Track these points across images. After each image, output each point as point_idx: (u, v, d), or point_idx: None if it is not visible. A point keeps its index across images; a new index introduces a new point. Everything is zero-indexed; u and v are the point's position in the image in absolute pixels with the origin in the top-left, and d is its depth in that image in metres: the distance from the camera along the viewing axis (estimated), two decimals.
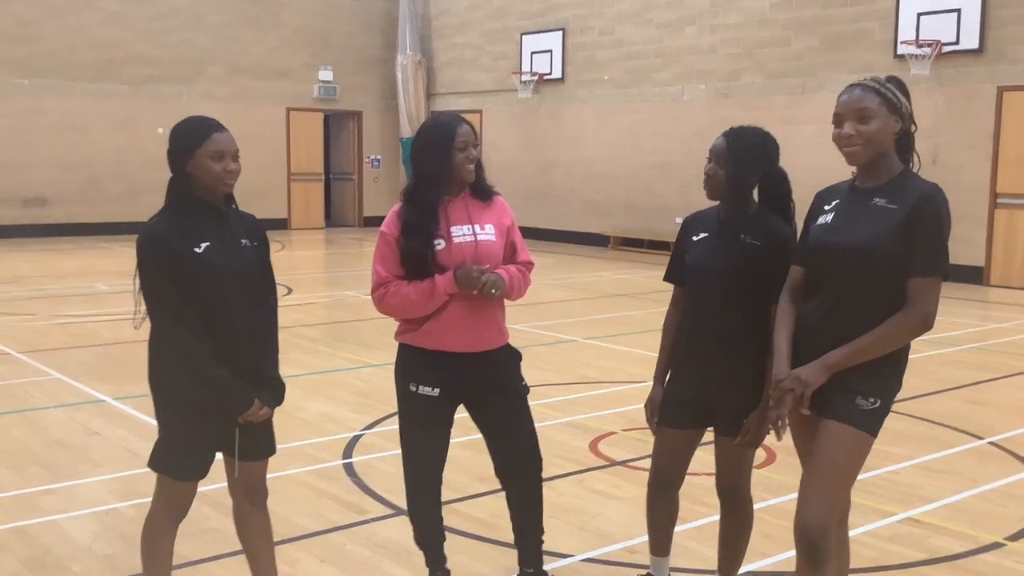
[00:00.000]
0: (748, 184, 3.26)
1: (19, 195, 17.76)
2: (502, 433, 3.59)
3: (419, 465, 3.58)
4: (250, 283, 3.17)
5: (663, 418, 3.46)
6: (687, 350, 3.39)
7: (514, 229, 3.55)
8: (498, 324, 3.49)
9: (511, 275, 3.44)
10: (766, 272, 3.18)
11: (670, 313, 3.53)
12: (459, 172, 3.37)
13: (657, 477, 3.51)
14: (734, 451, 3.35)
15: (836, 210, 2.99)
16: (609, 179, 17.75)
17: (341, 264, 16.66)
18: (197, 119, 3.15)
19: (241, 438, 3.18)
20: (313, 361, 7.93)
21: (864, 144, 2.88)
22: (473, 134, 3.42)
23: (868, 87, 2.91)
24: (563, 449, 5.61)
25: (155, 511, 3.27)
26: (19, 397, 6.76)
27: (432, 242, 3.35)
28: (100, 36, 18.31)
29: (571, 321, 9.69)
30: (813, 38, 14.87)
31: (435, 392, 3.45)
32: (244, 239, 3.17)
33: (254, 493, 3.30)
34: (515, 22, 19.46)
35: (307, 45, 20.75)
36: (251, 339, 3.17)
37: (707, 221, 3.40)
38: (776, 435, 2.95)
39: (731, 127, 3.34)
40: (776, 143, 3.34)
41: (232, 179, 3.11)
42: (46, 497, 4.80)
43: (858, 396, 2.86)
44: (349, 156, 22.16)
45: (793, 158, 17.66)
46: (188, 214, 3.06)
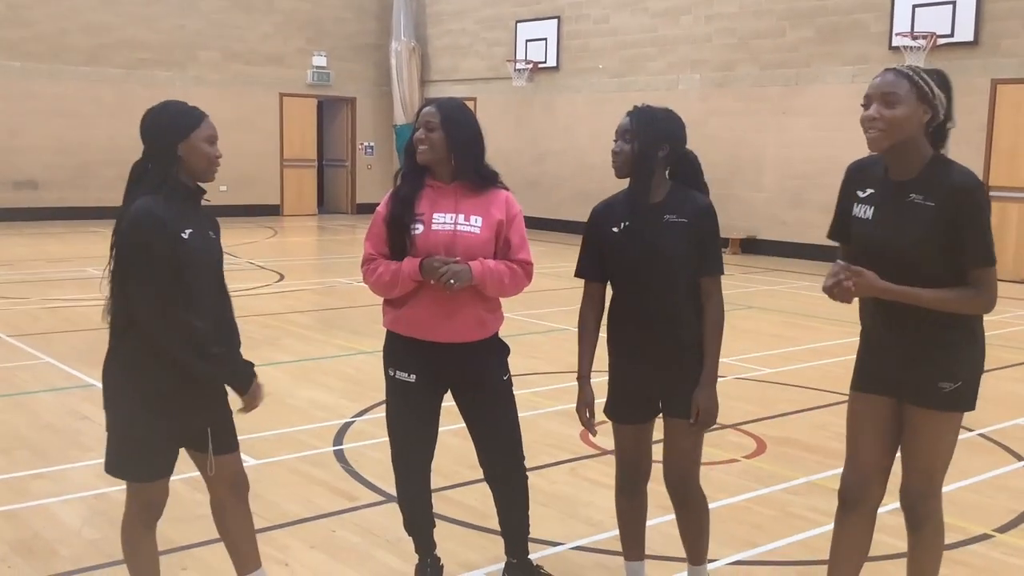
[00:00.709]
0: (654, 158, 3.23)
1: (10, 179, 17.68)
2: (476, 428, 3.59)
3: (403, 451, 3.60)
4: (218, 273, 3.18)
5: (617, 415, 3.41)
6: (626, 342, 3.33)
7: (512, 225, 3.45)
8: (477, 317, 3.42)
9: (486, 269, 3.33)
10: (694, 247, 3.20)
11: (585, 310, 3.43)
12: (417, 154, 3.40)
13: (625, 476, 3.46)
14: (684, 437, 3.29)
15: (874, 203, 3.01)
16: (602, 168, 17.57)
17: (333, 251, 16.63)
18: (181, 103, 3.10)
19: (214, 432, 3.12)
20: (304, 348, 7.92)
21: (886, 129, 2.88)
22: (431, 116, 3.37)
23: (901, 72, 2.91)
24: (554, 437, 5.62)
25: (128, 514, 3.19)
26: (9, 381, 6.74)
27: (409, 225, 3.37)
28: (93, 20, 18.21)
29: (563, 310, 9.69)
30: (808, 29, 14.85)
31: (411, 378, 3.47)
32: (210, 231, 3.15)
33: (238, 486, 3.24)
34: (510, 9, 19.39)
35: (301, 31, 20.66)
36: (218, 328, 3.11)
37: (621, 209, 3.34)
38: (835, 295, 2.87)
39: (635, 105, 3.36)
40: (683, 123, 3.34)
41: (219, 166, 3.11)
42: (36, 481, 4.80)
43: (939, 381, 2.95)
44: (342, 143, 22.10)
45: (787, 149, 17.66)
46: (170, 199, 2.99)
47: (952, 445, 3.07)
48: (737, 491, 4.82)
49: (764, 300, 10.71)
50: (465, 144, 3.41)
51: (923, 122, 2.90)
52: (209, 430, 3.11)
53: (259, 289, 10.94)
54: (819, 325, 9.13)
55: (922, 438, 3.03)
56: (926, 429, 3.02)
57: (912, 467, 3.08)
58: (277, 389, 6.57)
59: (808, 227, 13.96)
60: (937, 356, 2.97)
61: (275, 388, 6.58)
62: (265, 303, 9.97)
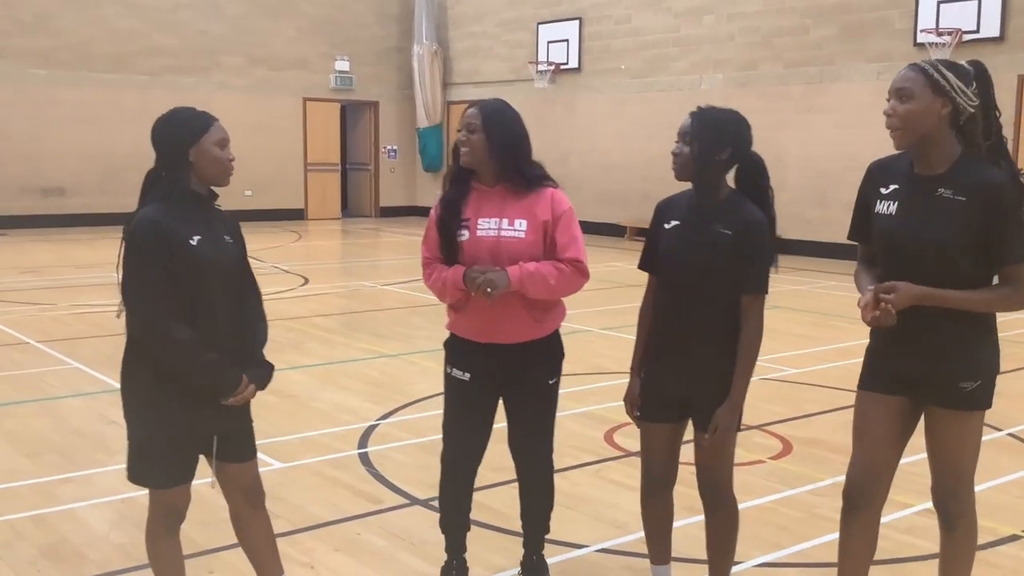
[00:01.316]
0: (714, 162, 3.15)
1: (38, 185, 17.87)
2: (513, 429, 3.62)
3: (451, 448, 3.63)
4: (235, 279, 3.11)
5: (644, 413, 3.38)
6: (662, 342, 3.31)
7: (559, 224, 3.41)
8: (530, 317, 3.43)
9: (525, 274, 3.31)
10: (738, 261, 3.12)
11: (646, 302, 3.42)
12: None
13: (649, 476, 3.43)
14: (713, 446, 3.25)
15: (898, 199, 2.96)
16: (625, 169, 17.68)
17: (357, 254, 16.69)
18: (189, 109, 3.07)
19: (220, 443, 3.10)
20: (328, 351, 7.95)
21: (901, 125, 2.87)
22: (472, 118, 3.39)
23: (917, 66, 2.90)
24: (578, 439, 5.60)
25: (151, 520, 3.19)
26: (37, 386, 6.81)
27: (455, 231, 3.40)
28: (118, 27, 18.38)
29: (587, 311, 9.67)
30: (832, 27, 14.75)
31: (466, 376, 3.52)
32: (227, 236, 3.11)
33: (252, 495, 3.22)
34: (531, 11, 19.40)
35: (324, 35, 20.75)
36: (233, 335, 3.08)
37: (679, 207, 3.29)
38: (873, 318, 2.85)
39: (699, 106, 3.24)
40: (748, 124, 3.22)
41: (232, 169, 3.07)
42: (64, 485, 4.84)
43: (960, 381, 2.92)
44: (365, 146, 22.17)
45: (812, 147, 17.57)
46: (180, 206, 2.97)
47: (978, 443, 3.05)
48: (763, 492, 4.79)
49: (789, 300, 10.64)
50: (506, 146, 3.38)
51: (942, 115, 2.85)
52: (215, 438, 3.08)
53: (284, 293, 10.99)
54: (845, 325, 9.06)
55: (948, 439, 3.01)
56: (952, 430, 2.99)
57: (941, 467, 3.06)
58: (301, 392, 6.60)
59: (832, 226, 13.82)
60: (958, 355, 2.93)
61: (299, 391, 6.61)
62: (289, 307, 10.02)
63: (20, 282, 11.68)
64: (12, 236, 16.57)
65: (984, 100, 2.90)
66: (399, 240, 17.95)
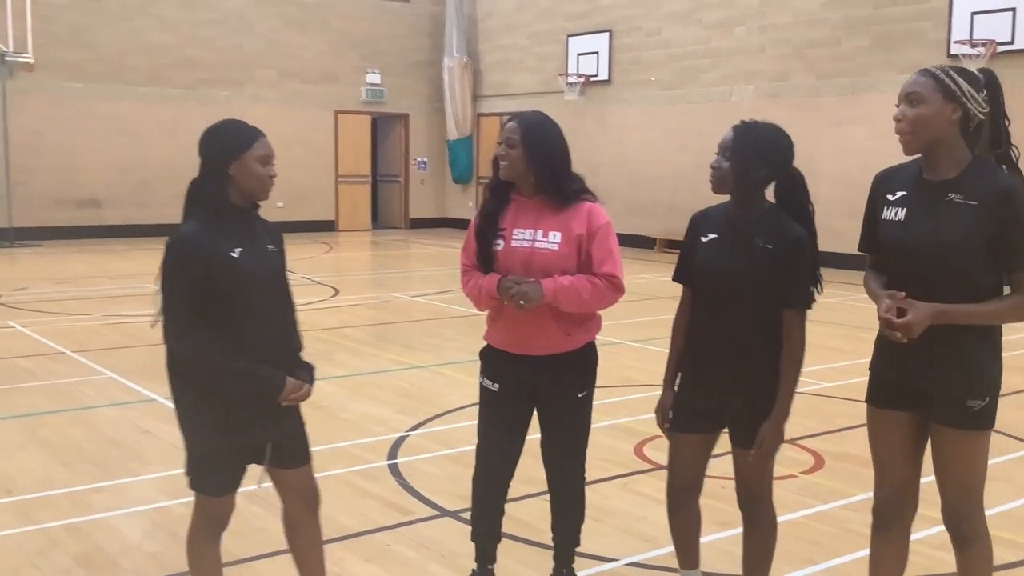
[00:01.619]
0: (753, 179, 3.14)
1: (74, 197, 18.12)
2: (545, 441, 3.62)
3: (481, 458, 3.65)
4: (279, 288, 3.15)
5: (675, 424, 3.37)
6: (697, 356, 3.30)
7: (595, 238, 3.39)
8: (562, 329, 3.43)
9: (559, 287, 3.32)
10: (779, 276, 3.10)
11: (679, 313, 3.40)
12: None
13: (675, 485, 3.42)
14: (750, 464, 3.24)
15: (906, 204, 2.93)
16: (655, 181, 17.65)
17: (387, 266, 16.76)
18: (238, 122, 3.10)
19: (273, 449, 3.13)
20: (358, 362, 7.98)
21: (911, 130, 2.85)
22: (512, 132, 3.40)
23: (927, 72, 2.87)
24: (608, 452, 5.59)
25: (195, 526, 3.23)
26: (73, 396, 6.89)
27: (492, 241, 3.43)
28: (152, 41, 18.63)
29: (616, 323, 9.65)
30: (864, 38, 14.66)
31: (495, 387, 3.54)
32: (269, 245, 3.14)
33: (309, 499, 3.25)
34: (561, 23, 19.44)
35: (355, 49, 20.92)
36: (277, 343, 3.12)
37: (716, 220, 3.27)
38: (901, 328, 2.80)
39: (742, 120, 3.23)
40: (790, 141, 3.20)
41: (272, 185, 3.09)
42: (98, 495, 4.89)
43: (968, 399, 2.87)
44: (396, 158, 22.30)
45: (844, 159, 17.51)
46: (221, 219, 3.01)
47: (985, 461, 3.00)
48: (795, 507, 4.75)
49: (820, 313, 10.51)
50: (545, 161, 3.39)
51: (952, 121, 2.83)
52: (269, 445, 3.12)
53: (314, 304, 11.06)
54: None
55: (955, 459, 2.95)
56: (958, 450, 2.94)
57: (949, 487, 3.00)
58: (331, 403, 6.63)
59: None
60: (966, 373, 2.88)
61: (330, 402, 6.64)
62: (320, 318, 10.08)
63: (56, 292, 11.84)
64: (48, 247, 16.81)
65: (994, 107, 2.88)
66: (429, 252, 18.01)
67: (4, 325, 9.57)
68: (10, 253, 16.15)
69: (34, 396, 6.85)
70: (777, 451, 3.23)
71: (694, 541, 3.49)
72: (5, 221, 16.92)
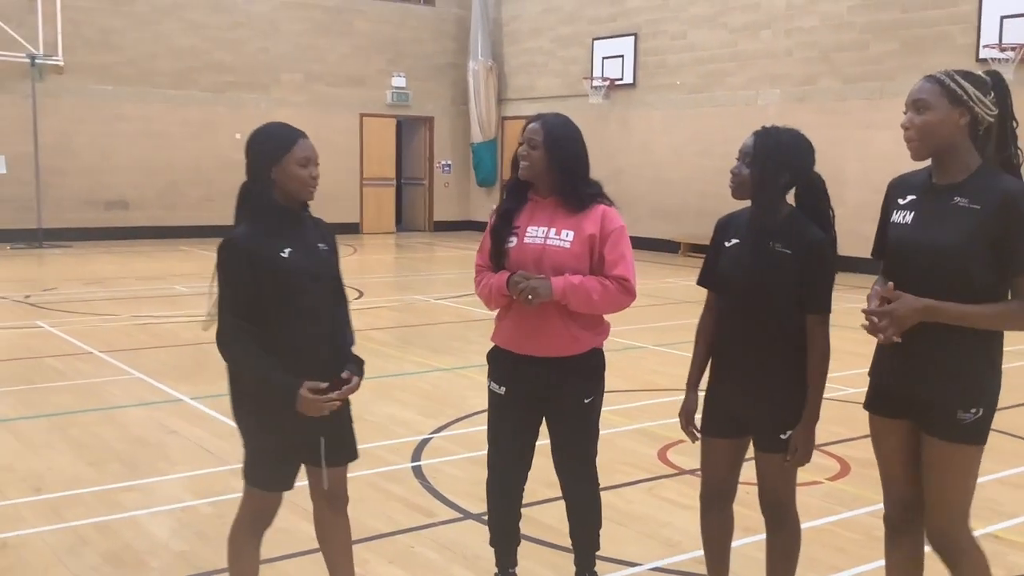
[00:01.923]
0: (773, 185, 3.13)
1: (102, 198, 18.31)
2: (555, 445, 3.61)
3: (493, 461, 3.65)
4: (330, 286, 3.22)
5: (706, 427, 3.36)
6: (722, 359, 3.30)
7: (608, 240, 3.41)
8: (568, 332, 3.42)
9: (569, 285, 3.33)
10: (799, 281, 3.09)
11: (704, 317, 3.40)
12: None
13: (708, 490, 3.39)
14: (775, 466, 3.22)
15: (914, 208, 2.91)
16: (679, 184, 17.60)
17: (411, 268, 16.81)
18: (280, 125, 3.15)
19: (327, 444, 3.19)
20: (382, 364, 8.01)
21: (918, 137, 2.83)
22: (535, 133, 3.42)
23: (933, 78, 2.85)
24: (631, 456, 5.58)
25: (240, 519, 3.29)
26: (101, 395, 6.96)
27: (506, 238, 3.44)
28: (180, 44, 18.80)
29: (640, 328, 9.64)
30: (892, 42, 14.57)
31: (501, 390, 3.54)
32: (321, 243, 3.21)
33: (335, 499, 3.30)
34: (586, 27, 19.44)
35: (380, 52, 21.01)
36: (330, 340, 3.20)
37: (739, 225, 3.28)
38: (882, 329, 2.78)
39: (764, 125, 3.23)
40: (811, 146, 3.20)
41: (315, 186, 3.15)
42: (126, 493, 4.94)
43: (958, 410, 2.80)
44: (420, 161, 22.36)
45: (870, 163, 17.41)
46: (269, 220, 3.07)
47: (974, 478, 2.89)
48: (820, 514, 4.72)
49: (846, 318, 10.47)
50: (565, 164, 3.42)
51: (960, 126, 2.80)
52: (322, 439, 3.16)
53: None
54: None
55: (942, 473, 2.87)
56: (945, 463, 2.85)
57: (934, 503, 2.91)
58: (355, 405, 6.63)
59: None
60: (959, 381, 2.82)
61: (353, 404, 6.64)
62: None
63: (84, 293, 11.97)
64: (77, 248, 16.99)
65: (1001, 110, 2.85)
66: (453, 254, 18.05)
67: (33, 325, 9.68)
68: (39, 254, 16.34)
69: (63, 395, 6.93)
70: (808, 460, 3.20)
71: (725, 549, 3.46)
72: (35, 222, 17.12)
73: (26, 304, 11.01)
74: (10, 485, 4.99)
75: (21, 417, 6.32)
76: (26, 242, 17.02)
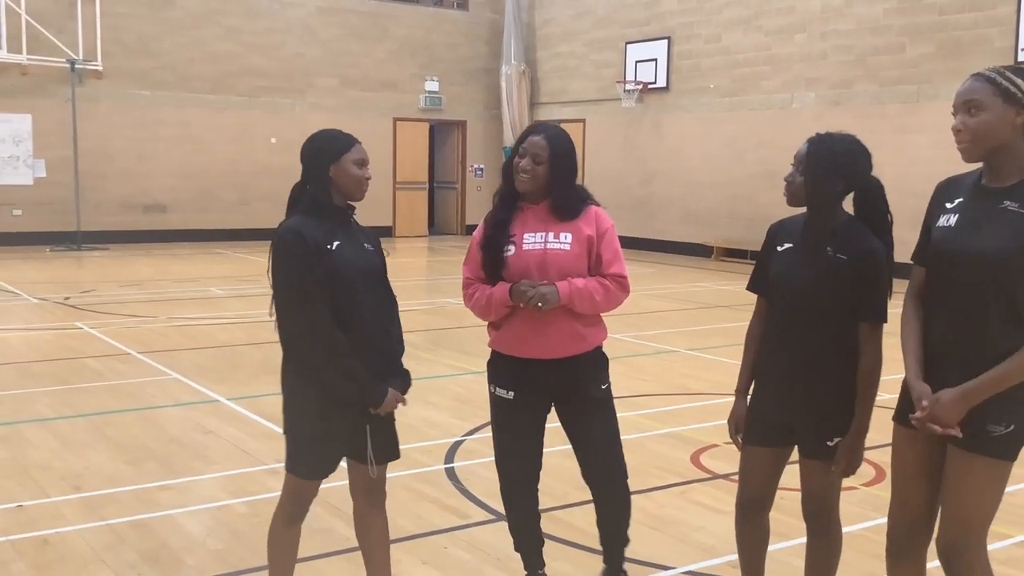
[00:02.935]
0: (827, 193, 3.09)
1: (140, 202, 18.54)
2: (575, 438, 3.62)
3: (505, 468, 3.65)
4: (377, 282, 3.30)
5: (747, 435, 3.32)
6: (770, 366, 3.25)
7: (603, 240, 3.46)
8: (573, 331, 3.45)
9: (574, 289, 3.36)
10: (852, 289, 3.04)
11: (753, 324, 3.36)
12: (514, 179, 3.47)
13: (745, 499, 3.35)
14: (820, 473, 3.18)
15: (960, 211, 2.80)
16: (712, 188, 17.53)
17: (443, 271, 16.87)
18: (334, 130, 3.32)
19: (373, 441, 3.25)
20: (414, 367, 7.94)
21: (971, 139, 2.72)
22: (540, 149, 3.41)
23: (982, 76, 2.74)
24: (664, 460, 5.57)
25: (280, 508, 3.38)
26: (138, 396, 7.06)
27: (501, 248, 3.44)
28: (217, 50, 19.01)
29: (672, 331, 9.61)
30: (929, 45, 14.42)
31: (510, 395, 3.54)
32: (367, 244, 3.32)
33: (372, 494, 3.38)
34: (619, 31, 19.42)
35: (414, 57, 21.12)
36: (378, 335, 3.26)
37: (793, 230, 3.23)
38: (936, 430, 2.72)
39: (818, 132, 3.18)
40: (867, 153, 3.15)
41: (367, 186, 3.29)
42: (163, 492, 5.00)
43: (988, 423, 2.69)
44: (453, 165, 22.45)
45: (907, 167, 17.28)
46: (321, 216, 3.20)
47: (998, 496, 2.75)
48: (856, 520, 4.68)
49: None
50: (566, 177, 3.47)
51: (1016, 125, 2.68)
52: (368, 427, 3.23)
53: None
54: None
55: (965, 486, 2.73)
56: (970, 477, 2.73)
57: (950, 517, 2.78)
58: None
59: None
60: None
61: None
62: None
63: (122, 295, 12.13)
64: (114, 251, 17.22)
65: None
66: None
67: (73, 326, 9.83)
68: (78, 256, 16.59)
69: (102, 396, 7.03)
70: (855, 470, 3.16)
71: (761, 557, 3.43)
72: (74, 225, 17.38)
73: (65, 306, 11.18)
74: (50, 484, 5.08)
75: (61, 417, 6.42)
76: (65, 245, 17.29)
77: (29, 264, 15.17)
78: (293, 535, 3.39)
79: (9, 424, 6.21)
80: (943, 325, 2.81)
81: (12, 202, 17.42)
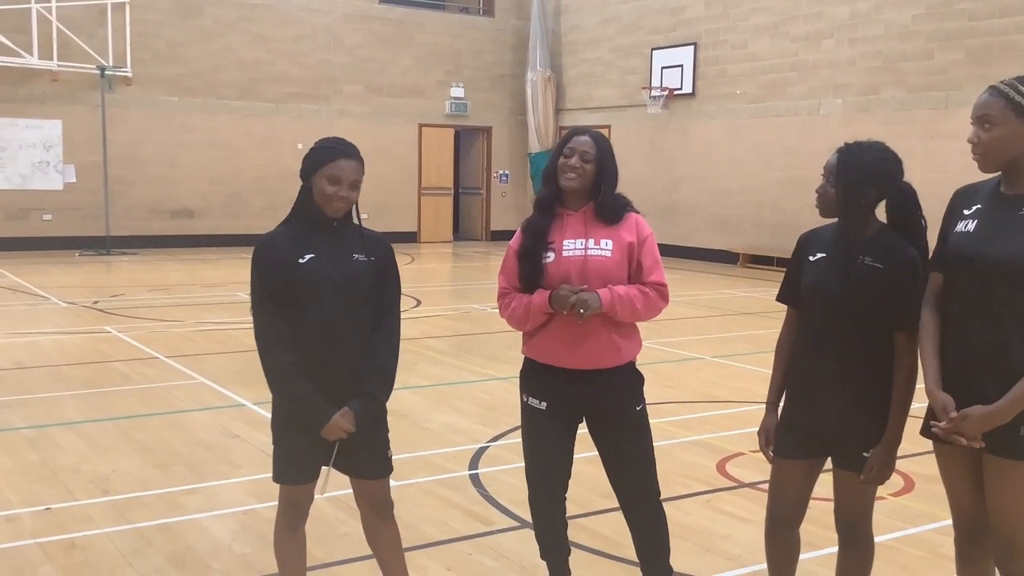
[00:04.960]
0: (859, 203, 3.06)
1: (168, 207, 18.71)
2: (608, 459, 3.56)
3: (534, 478, 3.62)
4: (354, 295, 3.19)
5: (778, 448, 3.27)
6: (803, 377, 3.20)
7: (643, 247, 3.43)
8: (611, 342, 3.40)
9: (616, 296, 3.32)
10: (888, 298, 3.00)
11: (783, 335, 3.32)
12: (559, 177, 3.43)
13: (775, 512, 3.30)
14: (854, 484, 3.14)
15: (978, 217, 2.83)
16: (739, 195, 17.45)
17: (468, 277, 16.88)
18: (334, 140, 3.24)
19: (341, 454, 3.22)
20: (440, 373, 8.06)
21: (983, 153, 2.77)
22: (588, 147, 3.40)
23: (995, 89, 2.77)
24: (690, 468, 5.54)
25: (277, 513, 3.42)
26: (166, 400, 7.11)
27: (540, 256, 3.41)
28: (245, 57, 19.16)
29: (698, 339, 9.56)
30: (958, 51, 14.29)
31: (542, 405, 3.50)
32: (358, 254, 3.22)
33: (377, 508, 3.37)
34: (645, 37, 19.39)
35: (439, 63, 21.19)
36: (351, 351, 3.19)
37: (825, 240, 3.19)
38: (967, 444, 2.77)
39: (847, 142, 3.14)
40: (897, 159, 3.12)
41: (341, 204, 3.17)
42: (189, 496, 5.03)
43: (1021, 427, 2.70)
44: (478, 171, 22.49)
45: (935, 174, 17.17)
46: (302, 227, 3.21)
47: None
48: (885, 530, 4.63)
49: None
50: (611, 179, 3.44)
51: None
52: (336, 445, 3.20)
53: None
54: None
55: (1005, 492, 2.76)
56: (1006, 483, 2.75)
57: (996, 523, 2.81)
58: (413, 412, 6.72)
59: None
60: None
61: (412, 412, 6.73)
62: (402, 328, 10.18)
63: (150, 299, 12.23)
64: (143, 255, 17.38)
65: None
66: None
67: (101, 330, 9.92)
68: (107, 261, 16.75)
69: (129, 399, 7.08)
70: (885, 480, 3.13)
71: (791, 571, 3.39)
72: (103, 230, 17.56)
73: (94, 310, 11.29)
74: (78, 487, 5.12)
75: (89, 420, 6.48)
76: (94, 249, 17.47)
77: (58, 268, 15.34)
78: (297, 540, 3.40)
79: (38, 427, 6.28)
80: (959, 330, 2.82)
81: (42, 207, 17.63)
